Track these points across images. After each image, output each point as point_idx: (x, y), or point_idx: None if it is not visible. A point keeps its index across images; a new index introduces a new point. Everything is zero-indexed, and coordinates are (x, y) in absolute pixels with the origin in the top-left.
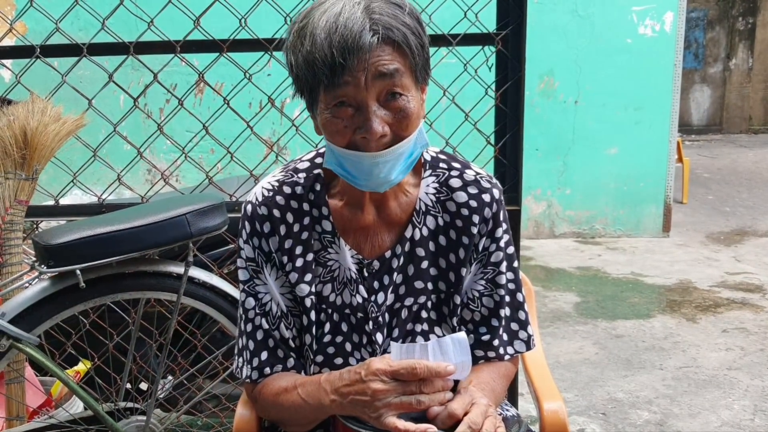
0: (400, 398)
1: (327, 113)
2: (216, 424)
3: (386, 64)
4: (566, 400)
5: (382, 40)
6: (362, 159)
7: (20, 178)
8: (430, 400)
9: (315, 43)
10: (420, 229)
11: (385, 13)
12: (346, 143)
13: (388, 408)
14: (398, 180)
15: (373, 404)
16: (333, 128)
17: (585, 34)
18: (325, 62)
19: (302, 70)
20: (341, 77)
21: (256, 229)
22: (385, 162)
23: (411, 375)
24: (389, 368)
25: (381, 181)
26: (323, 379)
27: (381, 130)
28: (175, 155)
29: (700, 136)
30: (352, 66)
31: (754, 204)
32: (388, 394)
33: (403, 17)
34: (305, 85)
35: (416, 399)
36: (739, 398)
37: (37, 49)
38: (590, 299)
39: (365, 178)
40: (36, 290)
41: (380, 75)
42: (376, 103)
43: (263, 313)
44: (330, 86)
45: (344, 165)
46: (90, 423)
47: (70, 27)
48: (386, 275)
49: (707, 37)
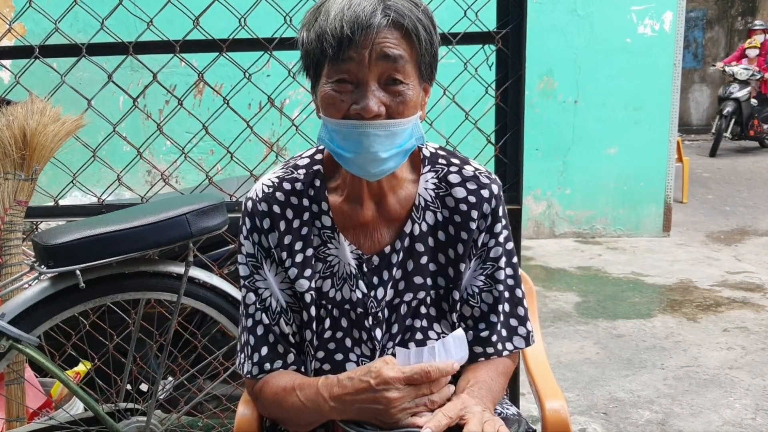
0: (414, 402)
1: (327, 86)
2: (217, 425)
3: (392, 47)
4: (567, 399)
5: (392, 23)
6: (353, 128)
7: (19, 179)
8: (440, 397)
9: (328, 18)
10: (419, 225)
11: (401, 3)
12: (340, 117)
13: (403, 412)
14: (389, 166)
15: (388, 411)
16: (330, 101)
17: (584, 34)
18: (334, 35)
19: (312, 44)
20: (347, 51)
21: (256, 225)
22: (375, 135)
23: (425, 379)
24: (403, 375)
25: (370, 157)
26: (320, 384)
27: (376, 109)
28: (174, 156)
29: (699, 135)
30: (359, 41)
31: (754, 203)
32: (404, 400)
33: (417, 12)
34: (312, 59)
35: (429, 400)
36: (740, 397)
37: (36, 50)
38: (591, 299)
39: (354, 151)
40: (36, 291)
41: (384, 56)
42: (376, 83)
43: (263, 308)
44: (334, 59)
45: (335, 139)
46: (90, 424)
47: (69, 27)
48: (386, 270)
49: (706, 36)
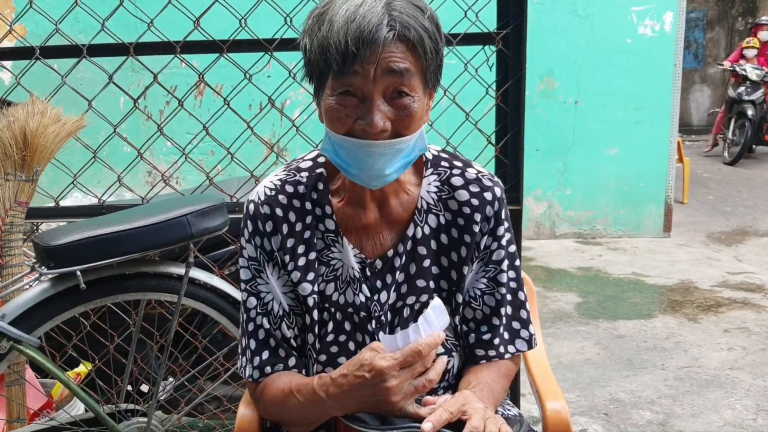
0: (412, 384)
1: (332, 99)
2: (217, 426)
3: (398, 62)
4: (568, 400)
5: (397, 36)
6: (359, 147)
7: (20, 180)
8: (436, 373)
9: (332, 29)
10: (422, 228)
11: (406, 12)
12: (345, 131)
13: (405, 398)
14: (392, 178)
15: (389, 400)
16: (335, 115)
17: (585, 35)
18: (338, 49)
19: (315, 54)
20: (351, 66)
21: (258, 228)
22: (381, 154)
23: (418, 358)
24: (396, 362)
25: (374, 173)
26: (316, 385)
27: (382, 124)
28: (175, 157)
29: (700, 136)
30: (364, 57)
31: (754, 204)
32: (402, 385)
33: (423, 20)
34: (316, 69)
35: (426, 379)
36: (741, 398)
37: (36, 51)
38: (591, 299)
39: (358, 168)
40: (36, 292)
41: (390, 71)
42: (381, 98)
43: (265, 312)
44: (339, 73)
45: (339, 153)
46: (91, 425)
47: (70, 28)
48: (389, 274)
49: (707, 37)
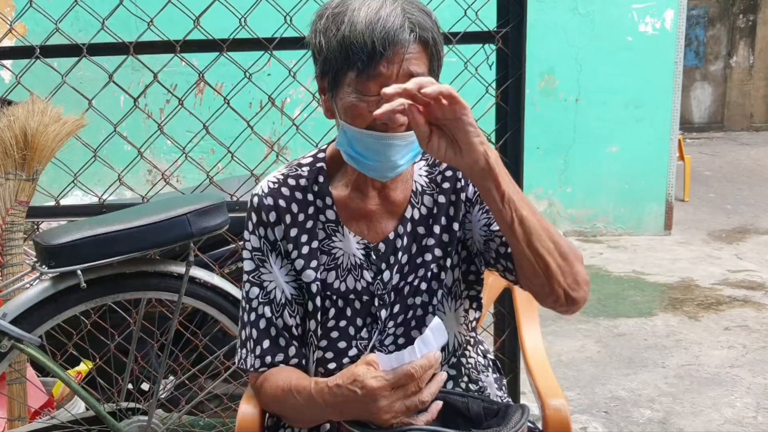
0: (404, 404)
1: (353, 97)
2: (218, 424)
3: (415, 65)
4: (568, 398)
5: (417, 38)
6: (379, 140)
7: (21, 179)
8: (431, 393)
9: (354, 30)
10: (419, 209)
11: (419, 15)
12: (365, 126)
13: (395, 415)
14: (403, 169)
15: (381, 417)
16: (356, 111)
17: (585, 32)
18: (363, 50)
19: (334, 53)
20: (377, 67)
21: (262, 219)
22: (398, 145)
23: (410, 380)
24: (387, 383)
25: (391, 164)
26: (313, 390)
27: (402, 120)
28: (175, 155)
29: (701, 133)
30: (390, 57)
31: (755, 201)
32: (393, 404)
33: (430, 22)
34: (333, 67)
35: (419, 399)
36: (741, 396)
37: (36, 50)
38: (592, 297)
39: (377, 159)
40: (37, 291)
41: (410, 74)
42: None
43: (267, 301)
44: (363, 72)
45: (355, 146)
46: (92, 423)
47: (70, 27)
48: (392, 255)
49: (708, 34)
